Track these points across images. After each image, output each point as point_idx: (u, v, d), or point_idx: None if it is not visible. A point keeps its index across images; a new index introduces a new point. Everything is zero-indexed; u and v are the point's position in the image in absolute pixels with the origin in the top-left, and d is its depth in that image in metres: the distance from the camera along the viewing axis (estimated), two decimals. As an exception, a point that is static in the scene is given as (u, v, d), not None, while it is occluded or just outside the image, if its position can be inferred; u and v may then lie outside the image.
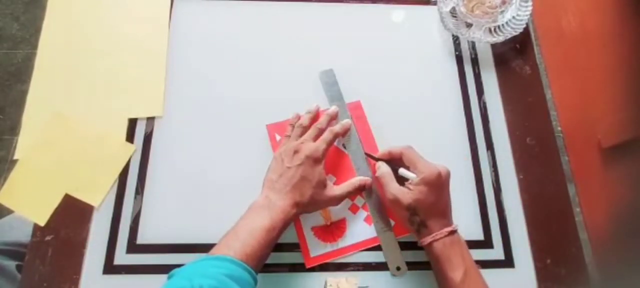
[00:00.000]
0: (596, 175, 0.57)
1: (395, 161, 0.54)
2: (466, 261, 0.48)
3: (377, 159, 0.56)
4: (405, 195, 0.50)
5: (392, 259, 0.54)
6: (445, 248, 0.48)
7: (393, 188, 0.51)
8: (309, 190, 0.51)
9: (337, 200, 0.53)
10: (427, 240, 0.49)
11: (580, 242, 0.56)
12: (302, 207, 0.51)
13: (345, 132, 0.58)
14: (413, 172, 0.51)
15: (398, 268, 0.53)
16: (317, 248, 0.54)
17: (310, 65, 0.64)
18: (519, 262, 0.55)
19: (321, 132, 0.56)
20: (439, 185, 0.50)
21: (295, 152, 0.52)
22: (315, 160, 0.52)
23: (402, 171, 0.53)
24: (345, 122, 0.58)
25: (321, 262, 0.53)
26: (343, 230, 0.55)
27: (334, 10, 0.68)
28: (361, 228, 0.55)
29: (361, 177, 0.56)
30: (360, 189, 0.55)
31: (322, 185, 0.52)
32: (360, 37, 0.66)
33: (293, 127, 0.56)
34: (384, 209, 0.56)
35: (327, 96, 0.61)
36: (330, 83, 0.62)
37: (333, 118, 0.58)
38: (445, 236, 0.49)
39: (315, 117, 0.58)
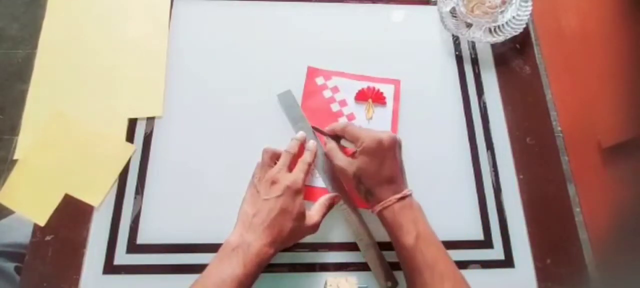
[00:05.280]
0: (596, 175, 0.57)
1: (341, 138, 0.55)
2: (418, 225, 0.48)
3: (324, 133, 0.56)
4: (350, 164, 0.51)
5: (381, 275, 0.52)
6: (395, 214, 0.48)
7: (339, 159, 0.53)
8: (289, 223, 0.47)
9: (317, 226, 0.51)
10: (376, 208, 0.49)
11: (580, 242, 0.56)
12: (281, 244, 0.47)
13: (314, 156, 0.55)
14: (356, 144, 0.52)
15: (389, 285, 0.52)
16: None
17: (310, 64, 0.64)
18: (519, 262, 0.55)
19: (294, 157, 0.53)
20: (380, 152, 0.50)
21: (273, 182, 0.49)
22: (295, 191, 0.49)
23: (343, 142, 0.54)
24: (310, 144, 0.55)
25: None
26: None
27: (334, 10, 0.68)
28: None
29: (328, 195, 0.54)
30: (331, 206, 0.53)
31: (303, 216, 0.49)
32: (360, 37, 0.66)
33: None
34: (365, 224, 0.54)
35: (289, 119, 0.60)
36: (291, 105, 0.60)
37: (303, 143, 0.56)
38: (394, 203, 0.48)
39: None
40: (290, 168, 0.52)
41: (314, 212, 0.51)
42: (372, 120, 0.60)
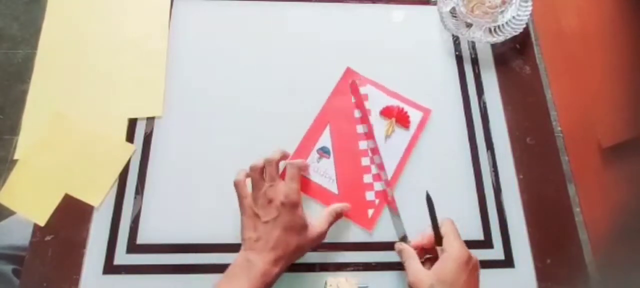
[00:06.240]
0: (596, 175, 0.57)
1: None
2: None
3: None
4: (428, 277, 0.44)
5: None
6: None
7: (417, 270, 0.46)
8: (293, 239, 0.47)
9: (323, 235, 0.50)
10: None
11: (580, 242, 0.56)
12: (287, 261, 0.47)
13: (304, 164, 0.54)
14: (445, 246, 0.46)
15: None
16: None
17: (310, 64, 0.64)
18: (519, 262, 0.55)
19: (276, 164, 0.50)
20: (468, 268, 0.44)
21: (269, 201, 0.47)
22: (292, 204, 0.47)
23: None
24: (298, 162, 0.53)
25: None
26: None
27: (333, 11, 0.68)
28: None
29: (338, 206, 0.52)
30: (340, 216, 0.53)
31: (305, 227, 0.48)
32: (360, 37, 0.66)
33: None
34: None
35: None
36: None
37: (285, 155, 0.54)
38: None
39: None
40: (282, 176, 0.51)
41: (319, 222, 0.50)
42: (389, 139, 0.59)
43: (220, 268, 0.52)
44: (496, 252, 0.55)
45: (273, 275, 0.45)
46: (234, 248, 0.53)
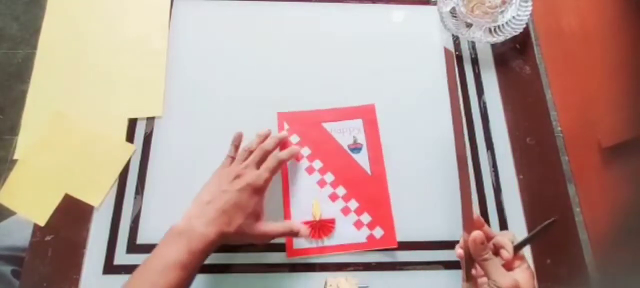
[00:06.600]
0: (596, 175, 0.57)
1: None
2: None
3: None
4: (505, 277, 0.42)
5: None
6: None
7: (502, 275, 0.43)
8: (238, 219, 0.47)
9: (268, 237, 0.50)
10: None
11: (580, 242, 0.56)
12: (225, 236, 0.47)
13: (290, 157, 0.55)
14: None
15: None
16: (301, 242, 0.54)
17: (309, 65, 0.64)
18: (519, 262, 0.55)
19: (267, 154, 0.52)
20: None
21: (236, 176, 0.49)
22: (255, 189, 0.48)
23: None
24: (293, 148, 0.55)
25: (302, 256, 0.53)
26: (331, 229, 0.54)
27: (333, 11, 0.68)
28: (349, 232, 0.55)
29: (296, 225, 0.52)
30: (292, 234, 0.52)
31: (256, 216, 0.49)
32: (360, 37, 0.66)
33: (236, 148, 0.54)
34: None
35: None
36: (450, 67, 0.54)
37: (282, 143, 0.56)
38: None
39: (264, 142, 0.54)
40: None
41: (271, 226, 0.50)
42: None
43: (219, 268, 0.52)
44: (496, 252, 0.55)
45: (213, 244, 0.45)
46: (233, 247, 0.53)
